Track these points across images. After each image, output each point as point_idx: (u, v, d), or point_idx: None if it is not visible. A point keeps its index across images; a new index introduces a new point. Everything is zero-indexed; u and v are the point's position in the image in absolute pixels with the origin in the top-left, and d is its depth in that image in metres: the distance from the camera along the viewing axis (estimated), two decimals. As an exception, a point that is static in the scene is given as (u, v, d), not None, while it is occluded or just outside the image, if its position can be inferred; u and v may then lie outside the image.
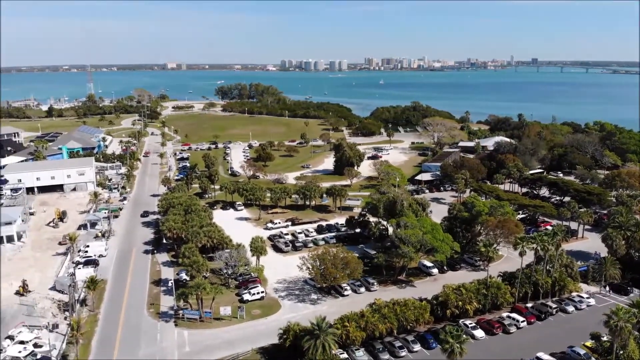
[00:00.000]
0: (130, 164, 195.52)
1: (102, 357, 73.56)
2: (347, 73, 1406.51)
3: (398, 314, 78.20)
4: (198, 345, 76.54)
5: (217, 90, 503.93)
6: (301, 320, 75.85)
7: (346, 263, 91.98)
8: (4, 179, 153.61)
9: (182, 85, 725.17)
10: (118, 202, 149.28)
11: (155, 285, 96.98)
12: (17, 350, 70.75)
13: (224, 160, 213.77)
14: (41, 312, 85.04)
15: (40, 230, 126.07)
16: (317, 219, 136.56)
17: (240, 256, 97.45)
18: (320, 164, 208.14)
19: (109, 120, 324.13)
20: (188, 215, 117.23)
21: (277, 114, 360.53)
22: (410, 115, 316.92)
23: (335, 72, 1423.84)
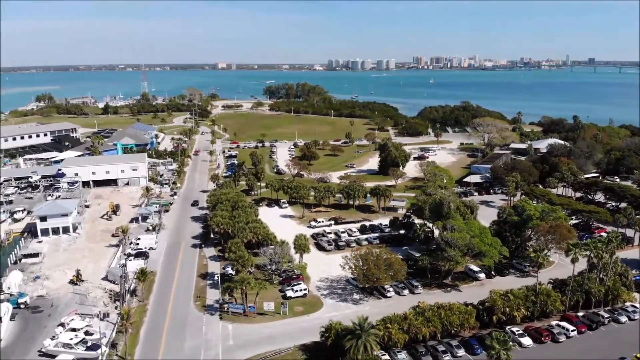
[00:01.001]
0: (181, 160, 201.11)
1: (149, 346, 75.99)
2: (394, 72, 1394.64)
3: (442, 318, 76.73)
4: (241, 339, 77.78)
5: (265, 89, 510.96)
6: (343, 319, 75.73)
7: (389, 264, 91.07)
8: (62, 173, 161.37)
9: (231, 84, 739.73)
10: (169, 197, 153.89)
11: (202, 278, 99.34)
12: (69, 337, 73.65)
13: (270, 159, 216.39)
14: (93, 301, 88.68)
15: (95, 223, 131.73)
16: (361, 218, 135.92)
17: (283, 253, 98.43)
18: (365, 164, 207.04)
19: (162, 118, 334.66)
20: (235, 211, 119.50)
21: (322, 113, 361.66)
22: (459, 115, 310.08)
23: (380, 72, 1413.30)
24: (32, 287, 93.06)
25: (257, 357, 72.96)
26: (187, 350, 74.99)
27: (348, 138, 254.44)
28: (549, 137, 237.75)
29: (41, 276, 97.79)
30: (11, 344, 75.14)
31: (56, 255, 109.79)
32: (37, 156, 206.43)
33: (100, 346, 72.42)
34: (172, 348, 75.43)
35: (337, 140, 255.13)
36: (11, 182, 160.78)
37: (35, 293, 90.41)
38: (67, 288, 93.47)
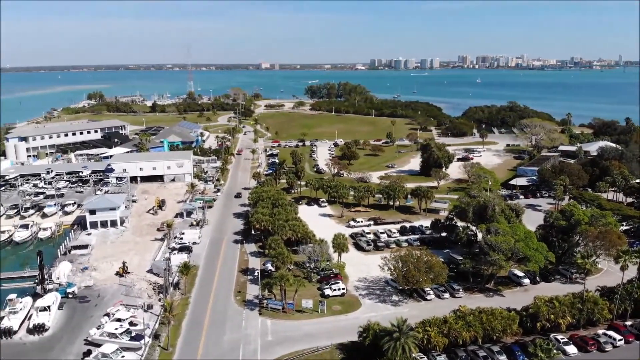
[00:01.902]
0: (225, 158, 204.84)
1: (190, 338, 77.78)
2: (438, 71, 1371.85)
3: (484, 323, 74.95)
4: (280, 335, 78.48)
5: (306, 89, 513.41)
6: (381, 320, 75.13)
7: (430, 267, 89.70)
8: (111, 168, 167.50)
9: (274, 84, 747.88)
10: (212, 194, 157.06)
11: (243, 274, 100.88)
12: (114, 327, 76.03)
13: (310, 158, 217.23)
14: (138, 292, 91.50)
15: (141, 217, 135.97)
16: (401, 219, 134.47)
17: (322, 251, 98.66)
18: (406, 164, 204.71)
19: (207, 117, 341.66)
20: (275, 208, 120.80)
21: (363, 113, 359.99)
22: (506, 115, 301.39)
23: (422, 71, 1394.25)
24: (81, 277, 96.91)
25: (295, 354, 73.43)
26: (227, 344, 76.28)
27: (389, 138, 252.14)
28: (600, 139, 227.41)
29: (89, 267, 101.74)
30: (59, 332, 78.41)
31: (104, 247, 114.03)
32: (87, 152, 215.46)
33: (144, 337, 74.56)
34: (212, 341, 76.92)
35: (377, 140, 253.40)
36: (63, 176, 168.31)
37: (83, 283, 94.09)
38: (114, 279, 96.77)
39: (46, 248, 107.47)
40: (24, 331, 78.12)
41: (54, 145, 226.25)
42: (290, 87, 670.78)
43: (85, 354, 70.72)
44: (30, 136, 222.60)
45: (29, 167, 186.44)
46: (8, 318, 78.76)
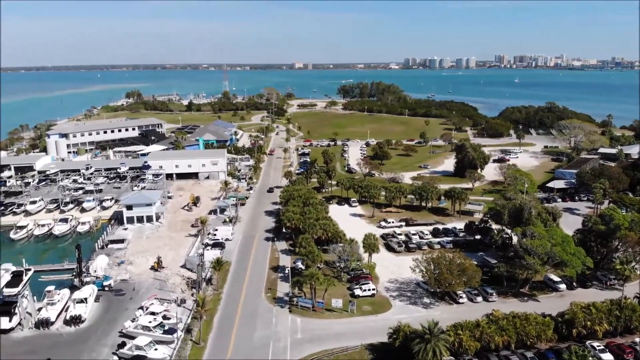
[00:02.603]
0: (258, 157, 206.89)
1: (222, 334, 78.80)
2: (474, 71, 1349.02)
3: (517, 328, 73.19)
4: (309, 333, 78.67)
5: (339, 89, 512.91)
6: (412, 322, 74.40)
7: (463, 270, 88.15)
8: (148, 165, 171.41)
9: (307, 84, 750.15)
10: (245, 192, 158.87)
11: (274, 271, 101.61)
12: (148, 320, 77.54)
13: (342, 157, 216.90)
14: (172, 287, 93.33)
15: (176, 213, 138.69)
16: (433, 221, 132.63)
17: (352, 251, 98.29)
18: (440, 165, 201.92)
19: (241, 116, 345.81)
20: (306, 207, 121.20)
21: (396, 113, 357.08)
22: (544, 116, 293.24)
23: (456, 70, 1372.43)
24: (117, 271, 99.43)
25: (325, 352, 73.43)
26: (257, 340, 76.95)
27: (422, 138, 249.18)
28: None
29: (125, 261, 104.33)
30: (94, 324, 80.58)
31: (140, 242, 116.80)
32: (125, 149, 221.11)
33: (177, 330, 75.91)
34: (243, 337, 77.76)
35: (410, 140, 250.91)
36: (101, 172, 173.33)
37: (119, 277, 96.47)
38: (149, 273, 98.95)
39: (84, 242, 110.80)
40: (61, 322, 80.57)
41: (93, 142, 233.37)
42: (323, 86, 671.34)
43: (120, 346, 72.52)
44: (70, 133, 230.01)
45: (69, 163, 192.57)
46: (46, 309, 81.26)
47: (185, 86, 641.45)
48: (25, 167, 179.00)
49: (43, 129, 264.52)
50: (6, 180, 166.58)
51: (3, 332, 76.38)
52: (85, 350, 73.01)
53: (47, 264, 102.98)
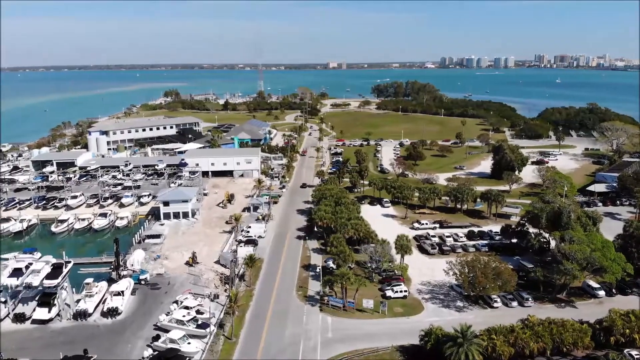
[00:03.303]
0: (291, 155, 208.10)
1: (253, 330, 79.53)
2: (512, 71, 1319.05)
3: (553, 334, 71.09)
4: (340, 332, 78.55)
5: (373, 88, 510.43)
6: (444, 325, 73.32)
7: (498, 273, 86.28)
8: (185, 163, 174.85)
9: (340, 83, 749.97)
10: (278, 190, 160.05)
11: (305, 269, 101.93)
12: (182, 314, 78.82)
13: (375, 157, 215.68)
14: (205, 282, 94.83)
15: (211, 210, 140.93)
16: (468, 223, 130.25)
17: (384, 252, 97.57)
18: (476, 166, 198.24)
19: (275, 115, 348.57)
20: (338, 207, 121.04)
21: (432, 112, 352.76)
22: (585, 118, 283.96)
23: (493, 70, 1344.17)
24: (153, 265, 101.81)
25: (355, 352, 73.16)
26: (288, 337, 77.35)
27: (458, 138, 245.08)
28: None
29: (161, 256, 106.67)
30: (130, 316, 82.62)
31: (175, 237, 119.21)
32: (163, 146, 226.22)
33: (209, 325, 77.05)
34: (274, 334, 78.30)
35: (446, 140, 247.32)
36: (140, 169, 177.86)
37: (155, 271, 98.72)
38: (183, 269, 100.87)
39: (122, 236, 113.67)
40: (98, 314, 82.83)
41: (132, 139, 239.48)
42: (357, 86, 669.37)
43: (154, 339, 74.14)
44: (110, 130, 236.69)
45: (109, 160, 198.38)
46: (84, 301, 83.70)
47: (221, 86, 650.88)
48: (67, 163, 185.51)
49: (84, 126, 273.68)
50: (49, 175, 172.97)
51: (42, 322, 79.26)
52: (121, 341, 74.95)
53: (86, 257, 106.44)
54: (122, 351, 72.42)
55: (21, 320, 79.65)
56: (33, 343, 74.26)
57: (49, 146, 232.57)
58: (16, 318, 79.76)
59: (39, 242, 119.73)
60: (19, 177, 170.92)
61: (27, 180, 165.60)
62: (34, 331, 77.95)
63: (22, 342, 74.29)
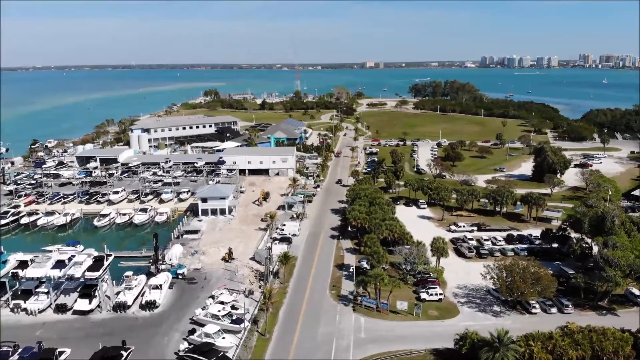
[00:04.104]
0: (325, 155, 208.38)
1: (287, 327, 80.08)
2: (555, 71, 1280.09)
3: (593, 343, 68.48)
4: (373, 333, 78.14)
5: (410, 87, 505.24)
6: (480, 330, 71.83)
7: (537, 279, 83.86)
8: (223, 160, 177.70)
9: (377, 83, 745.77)
10: (312, 189, 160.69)
11: (338, 269, 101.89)
12: (217, 309, 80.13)
13: (411, 157, 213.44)
14: (241, 278, 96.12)
15: (247, 207, 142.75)
16: (507, 227, 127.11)
17: (420, 254, 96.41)
18: (517, 168, 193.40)
19: (311, 115, 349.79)
20: (372, 207, 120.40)
21: (471, 113, 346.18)
22: (631, 120, 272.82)
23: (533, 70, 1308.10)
24: (190, 260, 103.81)
25: (388, 354, 72.62)
26: (321, 336, 77.48)
27: (499, 139, 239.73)
28: None
29: (198, 251, 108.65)
30: (167, 310, 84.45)
31: (212, 233, 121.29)
32: (202, 144, 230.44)
33: (244, 321, 78.07)
34: (307, 332, 78.59)
35: (486, 141, 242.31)
36: (179, 166, 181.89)
37: (192, 266, 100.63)
38: (220, 264, 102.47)
39: (161, 231, 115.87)
40: (136, 306, 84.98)
41: (172, 137, 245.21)
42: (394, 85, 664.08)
43: (190, 332, 75.55)
44: (152, 128, 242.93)
45: (150, 157, 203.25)
46: (124, 293, 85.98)
47: (259, 85, 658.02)
48: (109, 159, 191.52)
49: (127, 123, 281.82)
50: (92, 170, 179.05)
51: (83, 313, 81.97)
52: (158, 334, 76.77)
53: (127, 250, 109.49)
54: (159, 343, 74.17)
55: (63, 310, 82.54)
56: (73, 333, 76.81)
57: (93, 143, 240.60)
58: (58, 308, 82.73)
59: (81, 235, 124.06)
60: (64, 172, 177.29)
61: (72, 176, 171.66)
62: (74, 322, 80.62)
63: (63, 332, 76.96)
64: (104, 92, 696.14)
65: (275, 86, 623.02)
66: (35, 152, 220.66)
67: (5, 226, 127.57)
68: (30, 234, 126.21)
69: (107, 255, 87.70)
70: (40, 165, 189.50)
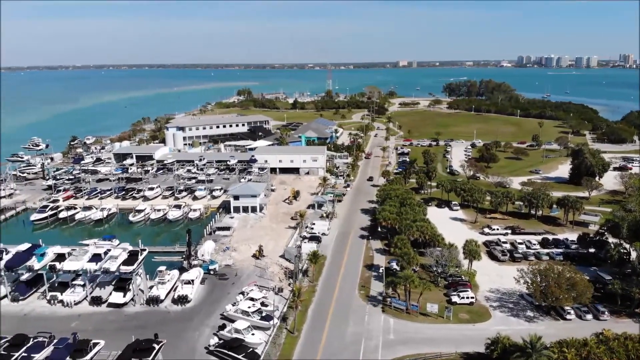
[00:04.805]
0: (356, 155, 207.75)
1: (315, 325, 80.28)
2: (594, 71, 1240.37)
3: (629, 351, 66.00)
4: (402, 335, 77.54)
5: (444, 87, 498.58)
6: (512, 335, 70.30)
7: (573, 284, 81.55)
8: (254, 159, 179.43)
9: (410, 82, 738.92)
10: (342, 188, 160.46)
11: (367, 269, 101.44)
12: (247, 305, 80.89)
13: (444, 158, 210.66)
14: (270, 275, 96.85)
15: (278, 205, 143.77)
16: (543, 231, 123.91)
17: (451, 256, 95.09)
18: (553, 170, 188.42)
19: (342, 115, 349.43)
20: (403, 207, 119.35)
21: (507, 113, 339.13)
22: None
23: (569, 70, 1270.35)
24: (222, 256, 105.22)
25: (417, 356, 71.94)
26: (349, 336, 77.32)
27: (535, 141, 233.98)
28: None
29: (230, 248, 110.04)
30: (199, 305, 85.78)
31: (244, 230, 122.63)
32: (235, 143, 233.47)
33: (273, 318, 78.59)
34: (335, 331, 78.60)
35: (521, 142, 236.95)
36: (213, 164, 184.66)
37: (223, 262, 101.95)
38: (250, 261, 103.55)
39: (194, 227, 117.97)
40: (169, 301, 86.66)
41: (206, 135, 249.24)
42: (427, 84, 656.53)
43: (220, 328, 76.46)
44: (186, 126, 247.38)
45: (184, 154, 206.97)
46: (157, 287, 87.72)
47: (291, 85, 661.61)
48: (145, 156, 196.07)
49: (162, 121, 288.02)
50: (128, 167, 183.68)
51: (117, 306, 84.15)
52: (190, 328, 78.19)
53: (160, 245, 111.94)
54: (190, 338, 75.52)
55: (98, 303, 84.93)
56: (108, 325, 78.93)
57: (130, 140, 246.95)
58: (93, 301, 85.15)
59: (117, 230, 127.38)
60: (101, 168, 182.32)
61: (109, 172, 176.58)
62: (109, 314, 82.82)
63: (98, 324, 79.17)
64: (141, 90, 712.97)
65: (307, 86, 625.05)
66: (74, 149, 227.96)
67: (44, 220, 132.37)
68: (68, 228, 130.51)
69: (141, 249, 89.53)
70: (78, 161, 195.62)
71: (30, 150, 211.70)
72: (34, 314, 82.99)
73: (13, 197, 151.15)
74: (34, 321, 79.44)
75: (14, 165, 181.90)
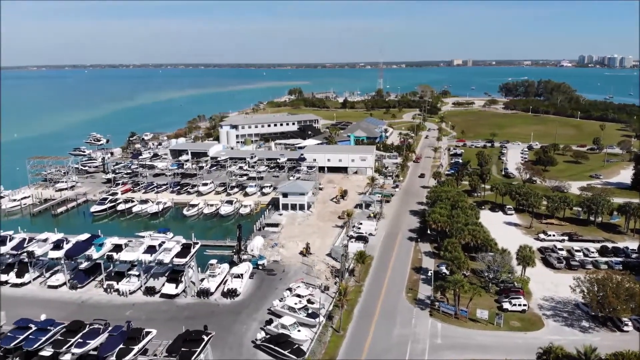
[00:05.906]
0: (406, 155, 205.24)
1: (361, 325, 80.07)
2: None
3: (694, 367, 61.94)
4: (450, 340, 76.07)
5: (501, 86, 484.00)
6: (566, 345, 67.50)
7: (632, 295, 77.51)
8: (303, 157, 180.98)
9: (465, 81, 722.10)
10: (391, 189, 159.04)
11: (415, 272, 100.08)
12: (294, 301, 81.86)
13: (499, 160, 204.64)
14: (317, 273, 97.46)
15: (325, 204, 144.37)
16: (602, 238, 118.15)
17: (504, 262, 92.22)
18: (615, 176, 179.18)
19: (392, 114, 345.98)
20: (454, 210, 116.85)
21: (566, 114, 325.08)
22: None
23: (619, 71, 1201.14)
24: (270, 252, 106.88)
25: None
26: (395, 338, 76.63)
27: (596, 144, 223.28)
28: None
29: (278, 244, 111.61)
30: (247, 299, 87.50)
31: (292, 227, 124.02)
32: (285, 141, 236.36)
33: (319, 315, 79.13)
34: (381, 332, 78.09)
35: (581, 145, 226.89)
36: (263, 162, 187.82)
37: (272, 258, 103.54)
38: (297, 258, 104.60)
39: (245, 223, 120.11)
40: (219, 294, 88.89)
41: (258, 134, 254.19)
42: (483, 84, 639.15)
43: (267, 322, 77.82)
44: (239, 125, 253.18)
45: (237, 152, 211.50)
46: (207, 280, 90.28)
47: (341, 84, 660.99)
48: (200, 153, 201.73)
49: (217, 120, 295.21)
50: (184, 163, 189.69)
51: (170, 297, 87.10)
52: (238, 322, 79.84)
53: (212, 239, 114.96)
54: (238, 331, 77.14)
55: (151, 293, 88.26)
56: (160, 315, 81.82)
57: (185, 137, 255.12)
58: (147, 291, 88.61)
59: (171, 223, 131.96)
60: (158, 163, 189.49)
61: (165, 167, 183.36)
62: (161, 304, 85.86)
63: (151, 314, 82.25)
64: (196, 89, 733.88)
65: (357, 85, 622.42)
66: (132, 144, 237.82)
67: (104, 212, 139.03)
68: (125, 220, 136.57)
69: (194, 243, 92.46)
70: (136, 156, 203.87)
71: (91, 145, 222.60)
72: (91, 301, 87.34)
73: (75, 189, 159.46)
74: (90, 308, 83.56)
75: (77, 159, 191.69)
